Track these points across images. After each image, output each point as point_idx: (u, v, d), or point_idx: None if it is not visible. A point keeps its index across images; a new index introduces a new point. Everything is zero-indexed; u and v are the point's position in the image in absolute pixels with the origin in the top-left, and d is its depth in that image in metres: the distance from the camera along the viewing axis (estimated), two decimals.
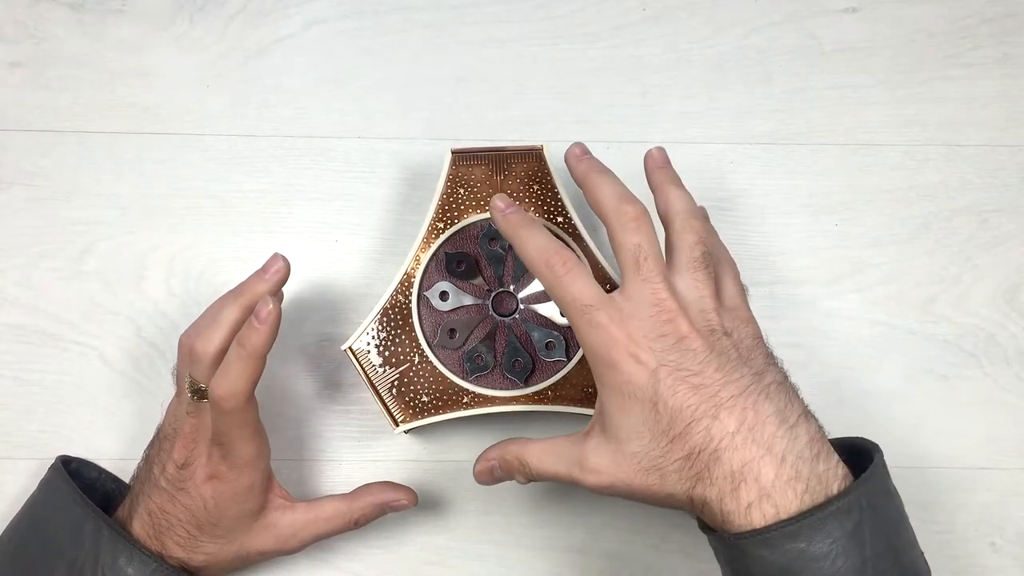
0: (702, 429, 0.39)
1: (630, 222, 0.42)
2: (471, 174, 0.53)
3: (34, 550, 0.46)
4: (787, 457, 0.38)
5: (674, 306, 0.41)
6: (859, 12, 0.61)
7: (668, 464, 0.40)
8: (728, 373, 0.40)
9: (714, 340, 0.41)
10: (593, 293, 0.41)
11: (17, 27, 0.59)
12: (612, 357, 0.40)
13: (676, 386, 0.40)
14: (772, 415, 0.39)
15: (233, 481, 0.45)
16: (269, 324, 0.44)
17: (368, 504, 0.49)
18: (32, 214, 0.57)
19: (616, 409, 0.41)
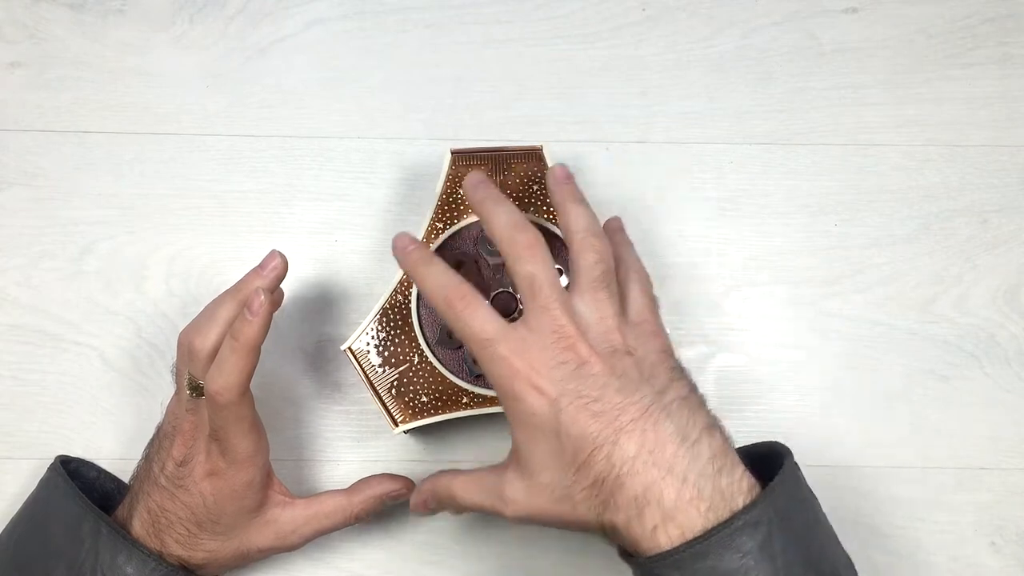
0: (603, 456, 0.39)
1: (523, 251, 0.42)
2: None
3: (33, 549, 0.46)
4: (688, 476, 0.38)
5: (573, 331, 0.40)
6: (859, 12, 0.61)
7: (576, 493, 0.39)
8: (629, 395, 0.40)
9: (615, 361, 0.40)
10: (493, 327, 0.41)
11: (17, 27, 0.59)
12: (515, 389, 0.40)
13: (577, 415, 0.39)
14: (672, 434, 0.39)
15: (232, 477, 0.45)
16: (261, 316, 0.44)
17: (367, 497, 0.49)
18: (32, 214, 0.57)
19: (525, 440, 0.41)
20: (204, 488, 0.45)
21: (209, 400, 0.44)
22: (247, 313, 0.44)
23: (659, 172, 0.58)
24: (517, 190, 0.53)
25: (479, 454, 0.55)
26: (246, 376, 0.44)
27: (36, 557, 0.46)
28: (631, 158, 0.59)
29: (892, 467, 0.55)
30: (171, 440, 0.46)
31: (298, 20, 0.60)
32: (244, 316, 0.44)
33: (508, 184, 0.53)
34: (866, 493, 0.54)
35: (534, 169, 0.53)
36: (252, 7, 0.60)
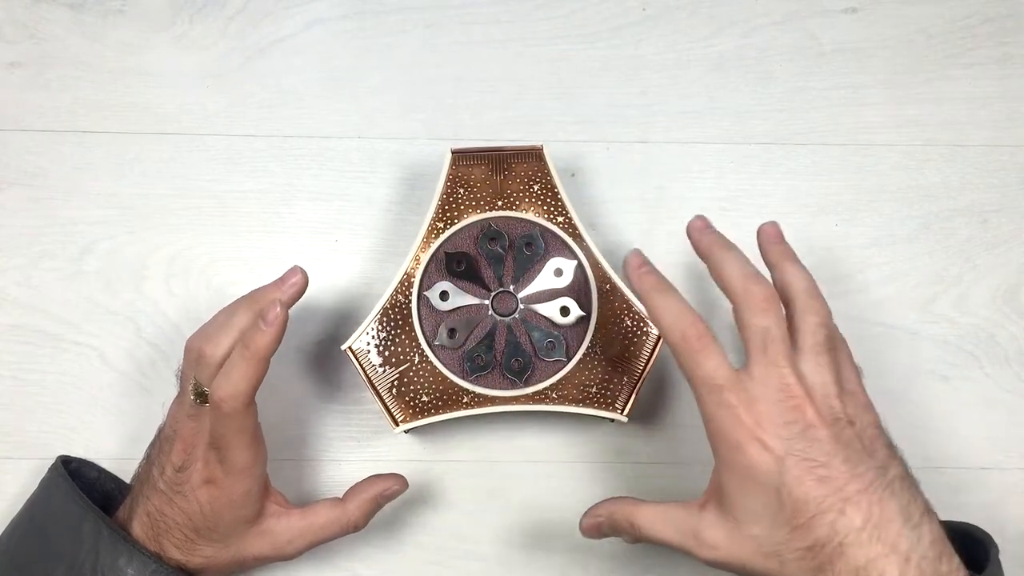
0: (827, 523, 0.38)
1: (760, 303, 0.41)
2: (471, 174, 0.53)
3: (34, 550, 0.46)
4: (911, 557, 0.38)
5: (800, 392, 0.40)
6: (859, 12, 0.61)
7: (788, 552, 0.39)
8: (854, 466, 0.39)
9: (839, 429, 0.40)
10: (725, 373, 0.41)
11: (17, 27, 0.59)
12: (738, 440, 0.40)
13: (803, 477, 0.39)
14: (897, 512, 0.39)
15: (228, 487, 0.45)
16: (275, 327, 0.44)
17: (362, 503, 0.48)
18: (32, 214, 0.57)
19: (736, 489, 0.40)
20: (201, 496, 0.45)
21: (213, 407, 0.44)
22: (262, 323, 0.44)
23: (659, 172, 0.58)
24: (517, 190, 0.53)
25: (479, 454, 0.55)
26: (253, 386, 0.44)
27: (37, 557, 0.46)
28: (631, 158, 0.59)
29: None
30: (171, 445, 0.46)
31: (298, 20, 0.60)
32: (258, 325, 0.44)
33: (508, 184, 0.53)
34: None
35: (534, 169, 0.53)
36: (252, 7, 0.60)
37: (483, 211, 0.53)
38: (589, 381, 0.51)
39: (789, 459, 0.39)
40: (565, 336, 0.51)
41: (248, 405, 0.44)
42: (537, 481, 0.55)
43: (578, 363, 0.51)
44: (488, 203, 0.53)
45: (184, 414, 0.46)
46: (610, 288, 0.52)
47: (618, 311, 0.52)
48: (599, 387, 0.51)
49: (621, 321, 0.52)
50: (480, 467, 0.55)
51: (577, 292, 0.52)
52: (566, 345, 0.51)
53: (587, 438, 0.55)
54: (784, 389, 0.40)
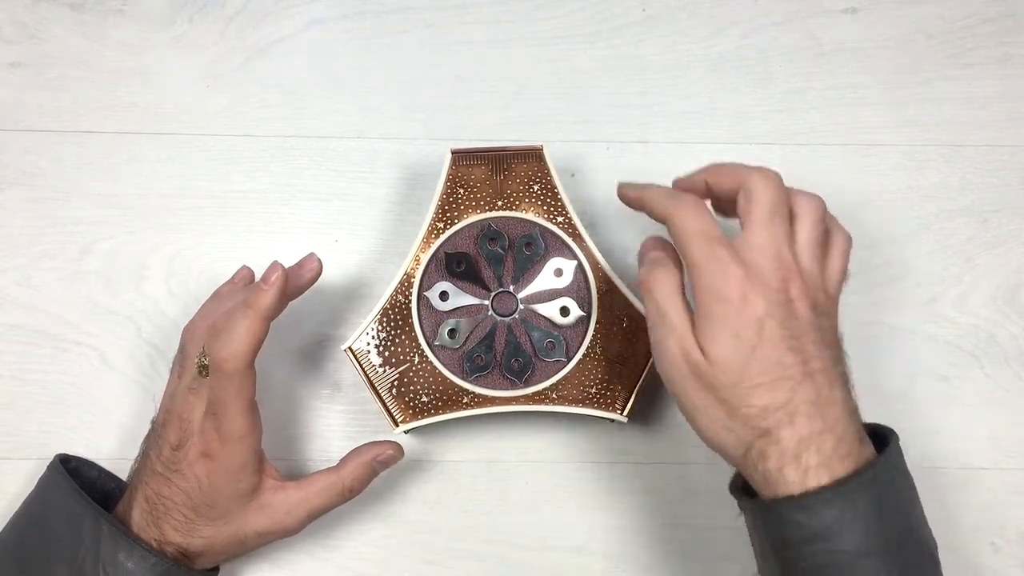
0: (787, 388, 0.41)
1: (772, 180, 0.43)
2: (471, 174, 0.53)
3: (34, 547, 0.46)
4: (844, 438, 0.41)
5: (793, 267, 0.42)
6: (859, 12, 0.61)
7: (743, 406, 0.41)
8: (819, 349, 0.42)
9: (816, 315, 0.42)
10: (719, 231, 0.42)
11: (17, 27, 0.59)
12: (724, 290, 0.41)
13: (778, 341, 0.41)
14: (840, 399, 0.42)
15: (225, 459, 0.45)
16: (276, 287, 0.45)
17: (356, 467, 0.49)
18: (32, 214, 0.57)
19: (714, 337, 0.41)
20: (199, 470, 0.45)
21: (215, 369, 0.44)
22: (262, 283, 0.45)
23: (659, 172, 0.58)
24: (517, 190, 0.53)
25: (479, 454, 0.55)
26: (255, 345, 0.45)
27: (37, 555, 0.46)
28: (631, 158, 0.59)
29: None
30: (166, 426, 0.47)
31: (298, 20, 0.60)
32: (259, 285, 0.46)
33: (508, 184, 0.53)
34: None
35: (534, 169, 0.53)
36: (252, 7, 0.60)
37: (483, 211, 0.53)
38: (589, 381, 0.51)
39: (769, 321, 0.41)
40: (565, 336, 0.51)
41: (248, 367, 0.45)
42: (537, 481, 0.55)
43: (578, 363, 0.51)
44: (488, 203, 0.53)
45: (184, 389, 0.47)
46: (610, 288, 0.52)
47: (618, 311, 0.52)
48: (599, 387, 0.51)
49: (621, 321, 0.52)
50: (480, 467, 0.55)
51: (577, 292, 0.52)
52: (566, 345, 0.51)
53: (587, 438, 0.55)
54: (779, 259, 0.42)
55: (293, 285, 0.48)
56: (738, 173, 0.44)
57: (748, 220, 0.43)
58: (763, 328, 0.41)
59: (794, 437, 0.40)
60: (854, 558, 0.39)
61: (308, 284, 0.50)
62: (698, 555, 0.54)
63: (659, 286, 0.43)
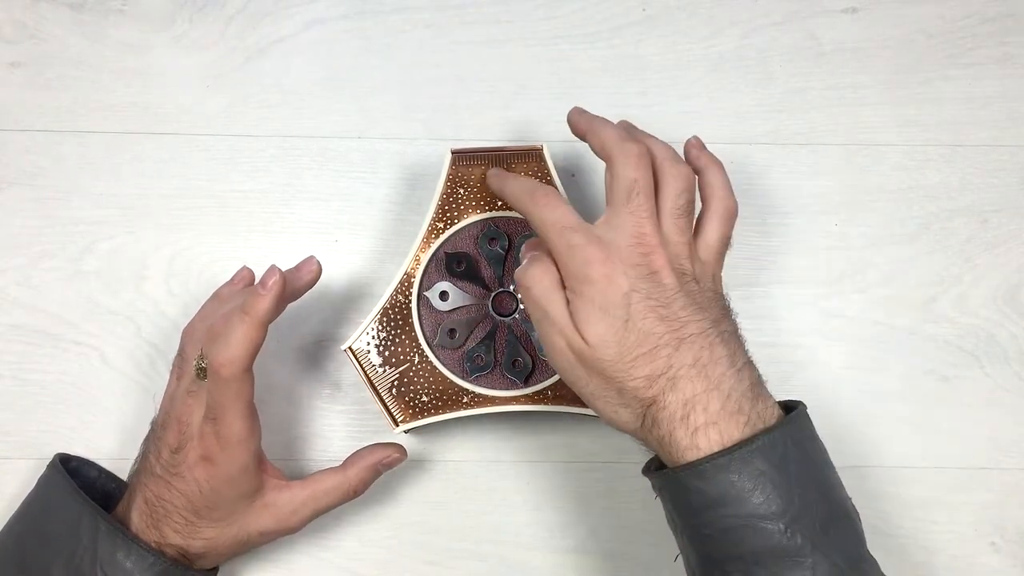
0: (664, 356, 0.42)
1: (632, 158, 0.44)
2: (471, 174, 0.53)
3: (32, 546, 0.46)
4: (732, 394, 0.41)
5: (655, 241, 0.43)
6: (859, 12, 0.61)
7: (629, 380, 0.42)
8: (692, 313, 0.43)
9: (684, 282, 0.43)
10: (573, 219, 0.44)
11: (17, 27, 0.59)
12: (586, 273, 0.42)
13: (646, 312, 0.42)
14: (724, 357, 0.42)
15: (226, 463, 0.45)
16: (273, 292, 0.45)
17: (361, 469, 0.49)
18: (32, 214, 0.57)
19: (588, 318, 0.42)
20: (198, 474, 0.45)
21: (212, 374, 0.44)
22: (259, 287, 0.45)
23: None
24: None
25: (479, 454, 0.55)
26: (252, 350, 0.45)
27: (35, 554, 0.46)
28: None
29: (892, 467, 0.55)
30: (165, 428, 0.47)
31: (298, 20, 0.60)
32: (256, 290, 0.45)
33: None
34: (866, 493, 0.54)
35: (534, 169, 0.53)
36: (252, 7, 0.60)
37: (483, 211, 0.53)
38: None
39: (634, 295, 0.42)
40: None
41: (245, 371, 0.45)
42: (537, 481, 0.55)
43: None
44: (488, 203, 0.53)
45: (183, 392, 0.46)
46: None
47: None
48: None
49: None
50: (480, 467, 0.55)
51: None
52: None
53: (587, 438, 0.55)
54: (638, 237, 0.43)
55: (291, 288, 0.48)
56: (605, 144, 0.45)
57: (609, 197, 0.45)
58: (630, 303, 0.42)
59: (679, 400, 0.41)
60: (756, 520, 0.39)
61: (307, 287, 0.49)
62: None
63: (535, 283, 0.44)
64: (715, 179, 0.47)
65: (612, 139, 0.45)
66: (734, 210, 0.47)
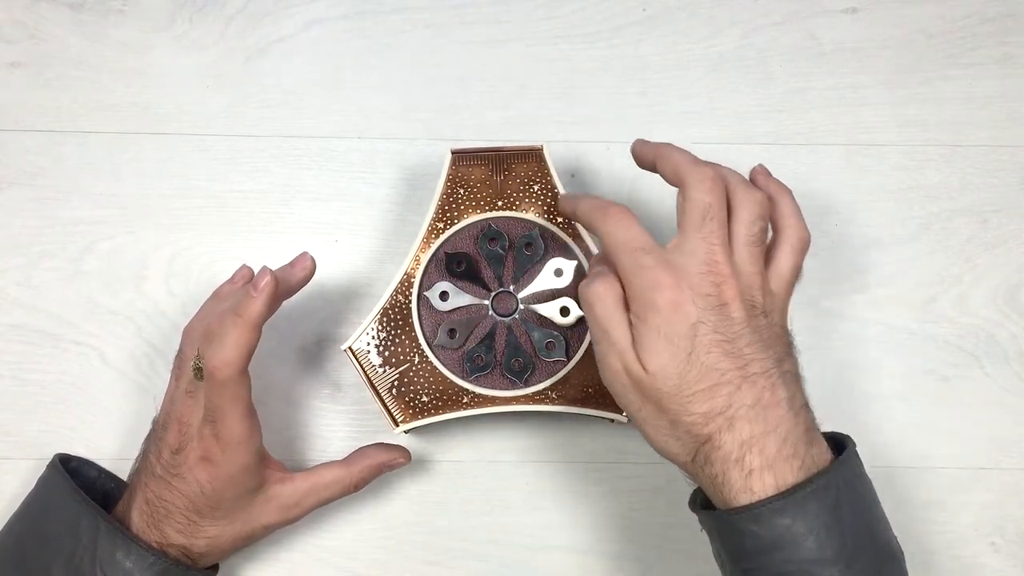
0: (725, 394, 0.40)
1: (707, 182, 0.43)
2: (471, 174, 0.53)
3: (32, 546, 0.46)
4: (788, 438, 0.41)
5: (727, 271, 0.42)
6: (859, 12, 0.61)
7: (685, 414, 0.41)
8: (757, 351, 0.41)
9: (752, 316, 0.42)
10: (645, 239, 0.42)
11: (17, 27, 0.59)
12: (653, 298, 0.41)
13: (711, 347, 0.41)
14: (784, 400, 0.41)
15: (227, 464, 0.45)
16: (266, 293, 0.45)
17: (365, 467, 0.50)
18: (32, 214, 0.57)
19: (651, 345, 0.41)
20: (200, 475, 0.45)
21: (208, 377, 0.44)
22: (252, 289, 0.45)
23: None
24: (517, 190, 0.53)
25: (479, 454, 0.55)
26: (246, 353, 0.44)
27: (35, 554, 0.46)
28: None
29: (892, 467, 0.55)
30: (166, 429, 0.47)
31: (297, 20, 0.60)
32: (248, 292, 0.45)
33: (508, 184, 0.53)
34: None
35: (534, 169, 0.53)
36: (252, 7, 0.60)
37: (483, 211, 0.53)
38: (589, 381, 0.51)
39: (701, 326, 0.41)
40: (565, 336, 0.51)
41: (241, 373, 0.44)
42: (537, 481, 0.55)
43: (578, 363, 0.51)
44: (488, 203, 0.53)
45: (182, 392, 0.46)
46: None
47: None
48: (599, 387, 0.51)
49: None
50: (480, 467, 0.55)
51: (577, 292, 0.52)
52: (566, 345, 0.51)
53: (587, 438, 0.55)
54: (710, 264, 0.42)
55: (285, 285, 0.48)
56: (678, 168, 0.44)
57: (681, 221, 0.43)
58: (696, 334, 0.41)
59: (735, 441, 0.40)
60: (811, 566, 0.39)
61: (301, 283, 0.49)
62: (698, 555, 0.54)
63: (598, 301, 0.43)
64: (787, 207, 0.46)
65: (685, 163, 0.44)
66: (808, 240, 0.46)
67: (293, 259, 0.49)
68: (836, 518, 0.40)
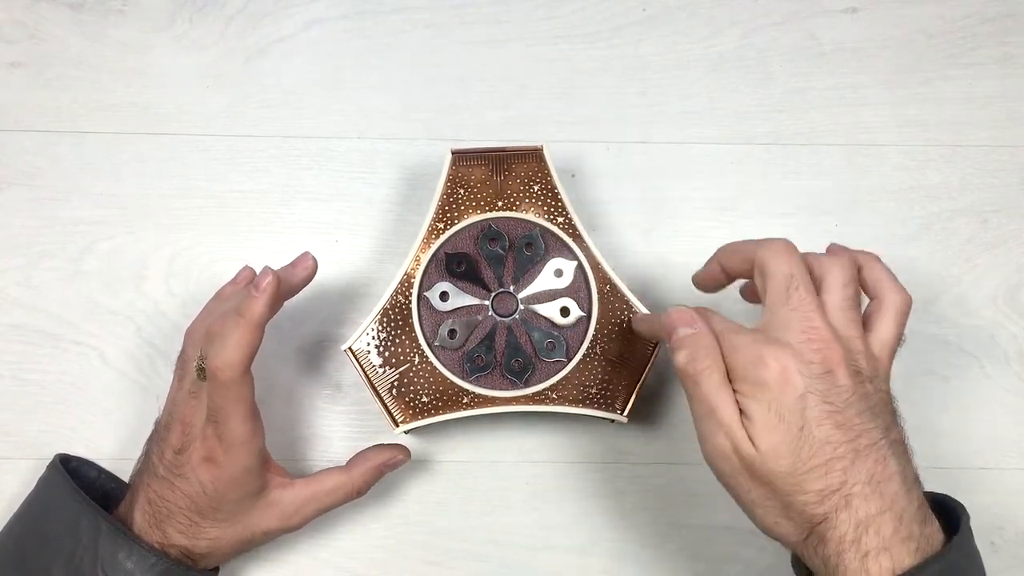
0: (840, 469, 0.39)
1: (782, 252, 0.42)
2: (471, 174, 0.53)
3: (32, 546, 0.46)
4: (904, 516, 0.39)
5: (828, 336, 0.40)
6: (859, 12, 0.61)
7: (799, 494, 0.39)
8: (866, 420, 0.40)
9: (859, 382, 0.40)
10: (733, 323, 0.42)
11: (17, 27, 0.59)
12: (758, 374, 0.39)
13: (822, 418, 0.39)
14: (896, 474, 0.40)
15: (230, 465, 0.45)
16: (268, 293, 0.45)
17: (366, 471, 0.50)
18: (32, 214, 0.57)
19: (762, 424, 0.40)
20: (202, 476, 0.45)
21: (210, 378, 0.44)
22: (254, 289, 0.45)
23: (659, 172, 0.58)
24: (517, 190, 0.53)
25: (479, 454, 0.55)
26: (249, 353, 0.44)
27: (35, 554, 0.46)
28: (631, 158, 0.59)
29: None
30: (168, 430, 0.47)
31: (297, 20, 0.60)
32: (250, 292, 0.45)
33: (508, 184, 0.53)
34: None
35: (534, 169, 0.53)
36: (252, 7, 0.60)
37: (483, 211, 0.53)
38: (589, 382, 0.51)
39: (811, 396, 0.39)
40: (565, 336, 0.51)
41: (244, 374, 0.44)
42: (537, 481, 0.55)
43: (578, 363, 0.51)
44: (488, 204, 0.53)
45: (184, 394, 0.46)
46: (610, 289, 0.52)
47: (618, 311, 0.52)
48: (599, 388, 0.51)
49: (621, 321, 0.52)
50: (480, 467, 0.55)
51: (577, 292, 0.52)
52: (566, 345, 0.51)
53: (587, 438, 0.55)
54: (809, 332, 0.40)
55: (287, 285, 0.48)
56: (747, 251, 0.43)
57: (768, 299, 0.42)
58: (806, 406, 0.39)
59: (851, 521, 0.38)
60: None
61: (303, 283, 0.49)
62: (698, 555, 0.54)
63: (704, 378, 0.41)
64: (881, 272, 0.44)
65: (750, 246, 0.43)
66: (910, 303, 0.44)
67: (295, 259, 0.49)
68: None
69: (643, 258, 0.57)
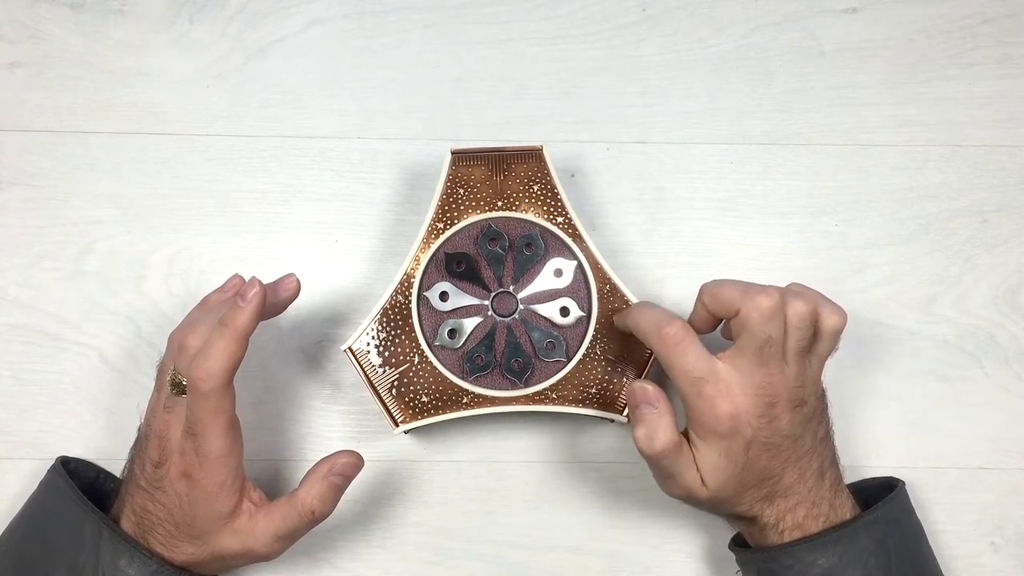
0: (769, 483, 0.47)
1: (768, 310, 0.44)
2: (471, 174, 0.53)
3: (34, 552, 0.46)
4: (817, 501, 0.47)
5: (780, 388, 0.45)
6: (859, 12, 0.61)
7: (735, 508, 0.48)
8: (796, 445, 0.46)
9: (795, 413, 0.46)
10: (703, 366, 0.45)
11: (17, 27, 0.59)
12: (715, 427, 0.45)
13: (760, 455, 0.46)
14: (814, 472, 0.47)
15: (204, 478, 0.44)
16: (253, 304, 0.44)
17: (310, 486, 0.46)
18: (32, 214, 0.57)
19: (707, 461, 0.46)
20: (179, 488, 0.45)
21: (192, 389, 0.43)
22: (239, 300, 0.44)
23: (659, 172, 0.58)
24: (517, 190, 0.53)
25: (479, 454, 0.55)
26: (232, 364, 0.44)
27: (37, 559, 0.46)
28: (631, 158, 0.59)
29: (892, 467, 0.55)
30: (147, 441, 0.46)
31: (298, 20, 0.60)
32: (236, 303, 0.44)
33: (508, 184, 0.53)
34: None
35: (534, 169, 0.53)
36: (252, 7, 0.60)
37: (483, 211, 0.53)
38: (589, 381, 0.51)
39: (755, 444, 0.45)
40: (565, 336, 0.51)
41: (226, 386, 0.44)
42: (537, 481, 0.55)
43: (578, 363, 0.51)
44: (488, 203, 0.53)
45: (160, 407, 0.46)
46: (610, 289, 0.52)
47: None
48: (599, 387, 0.51)
49: None
50: (480, 467, 0.55)
51: (577, 292, 0.52)
52: (566, 345, 0.51)
53: (587, 438, 0.55)
54: (766, 388, 0.45)
55: (269, 304, 0.47)
56: (731, 300, 0.46)
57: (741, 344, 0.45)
58: (749, 449, 0.45)
59: (773, 514, 0.47)
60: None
61: (285, 304, 0.49)
62: (698, 555, 0.54)
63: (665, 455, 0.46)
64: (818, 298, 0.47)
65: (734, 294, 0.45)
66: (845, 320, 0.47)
67: (278, 279, 0.48)
68: (882, 550, 0.45)
69: (643, 258, 0.57)
